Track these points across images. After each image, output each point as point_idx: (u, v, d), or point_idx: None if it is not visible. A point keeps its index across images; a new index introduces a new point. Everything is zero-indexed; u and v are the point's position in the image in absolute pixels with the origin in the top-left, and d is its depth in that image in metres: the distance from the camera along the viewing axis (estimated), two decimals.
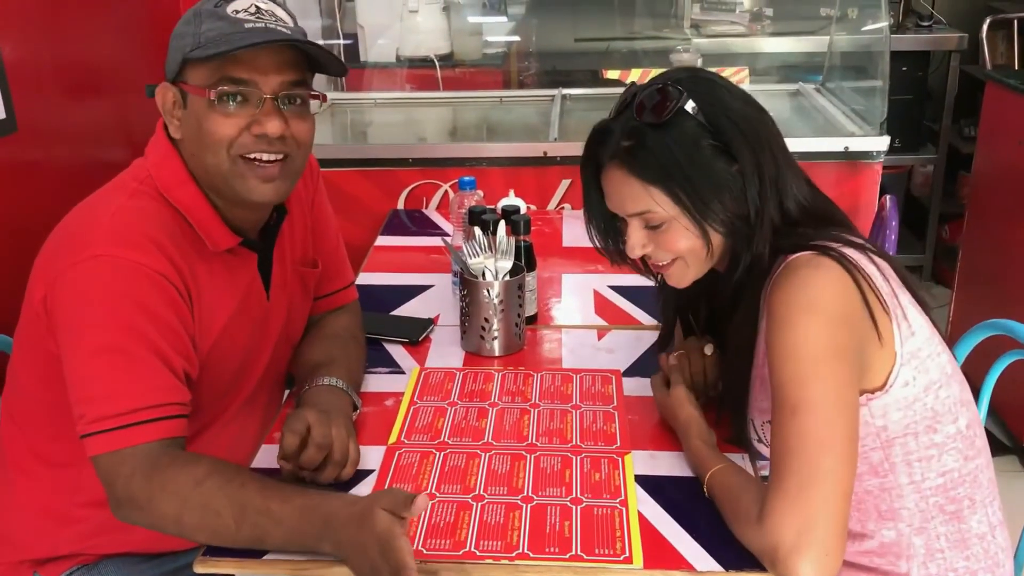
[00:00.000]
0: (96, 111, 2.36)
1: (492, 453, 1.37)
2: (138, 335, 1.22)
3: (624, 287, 2.00)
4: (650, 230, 1.29)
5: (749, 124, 1.25)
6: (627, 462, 1.34)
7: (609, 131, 1.29)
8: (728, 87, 1.29)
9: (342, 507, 1.14)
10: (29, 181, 2.03)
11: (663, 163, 1.24)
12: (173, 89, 1.30)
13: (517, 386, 1.57)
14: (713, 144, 1.24)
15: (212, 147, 1.28)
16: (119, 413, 1.19)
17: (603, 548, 1.16)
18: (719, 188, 1.24)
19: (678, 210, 1.25)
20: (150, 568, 1.48)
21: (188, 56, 1.26)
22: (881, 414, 1.22)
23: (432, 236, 2.40)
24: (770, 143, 1.26)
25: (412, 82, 3.35)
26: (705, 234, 1.26)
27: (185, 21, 1.28)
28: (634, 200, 1.27)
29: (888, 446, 1.23)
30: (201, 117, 1.27)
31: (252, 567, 1.17)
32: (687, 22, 3.68)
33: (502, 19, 3.62)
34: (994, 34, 3.86)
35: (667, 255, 1.31)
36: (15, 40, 1.96)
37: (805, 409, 1.13)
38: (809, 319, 1.15)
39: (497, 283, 1.65)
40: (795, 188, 1.28)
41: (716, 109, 1.24)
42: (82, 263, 1.22)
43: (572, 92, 3.20)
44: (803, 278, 1.18)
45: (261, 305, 1.46)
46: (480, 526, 1.20)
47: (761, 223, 1.25)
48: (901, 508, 1.25)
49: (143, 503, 1.17)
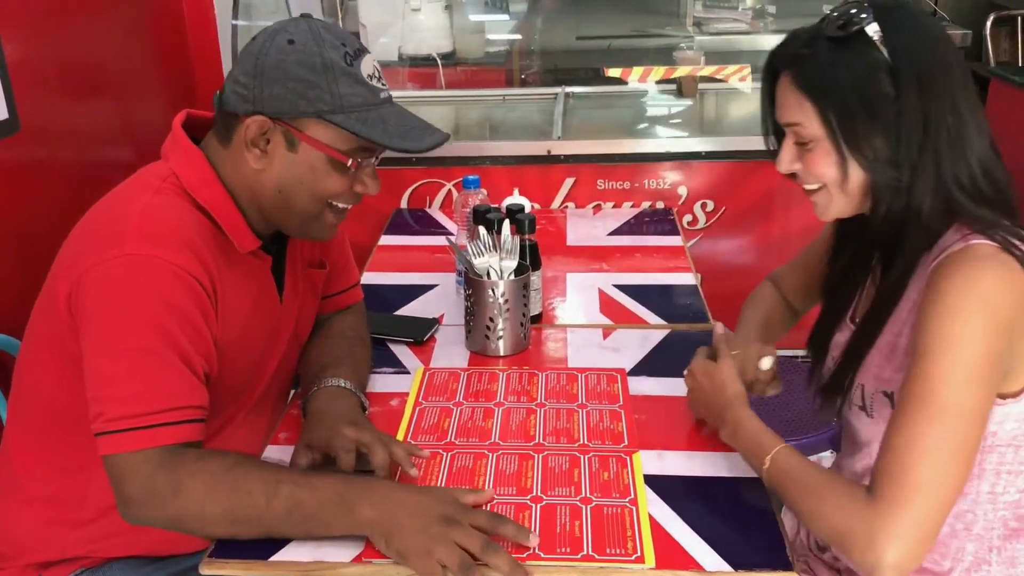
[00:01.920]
0: (99, 111, 2.35)
1: (499, 453, 1.36)
2: (166, 336, 1.21)
3: (629, 286, 1.99)
4: (799, 147, 1.25)
5: (930, 67, 1.16)
6: (635, 461, 1.33)
7: (795, 36, 1.25)
8: (928, 25, 1.21)
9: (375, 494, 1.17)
10: (32, 181, 2.03)
11: (824, 79, 1.19)
12: (278, 128, 1.28)
13: (523, 386, 1.56)
14: (885, 77, 1.16)
15: (317, 198, 1.33)
16: (143, 413, 1.18)
17: (615, 548, 1.15)
18: (873, 123, 1.17)
19: (824, 132, 1.20)
20: (155, 571, 1.47)
21: (326, 116, 1.26)
22: (999, 420, 1.17)
23: (436, 235, 2.39)
24: (952, 93, 1.16)
25: (414, 81, 3.34)
26: (844, 165, 1.20)
27: (311, 68, 1.25)
28: (789, 109, 1.23)
29: (988, 452, 1.19)
30: (317, 169, 1.30)
31: (258, 569, 1.16)
32: (689, 20, 3.68)
33: (504, 17, 3.62)
34: (997, 31, 3.85)
35: (811, 179, 1.25)
36: (18, 39, 1.95)
37: (954, 414, 1.08)
38: (979, 317, 1.08)
39: (502, 282, 1.64)
40: (973, 150, 1.17)
41: (901, 42, 1.17)
42: (112, 260, 1.21)
43: (575, 90, 3.20)
44: (983, 271, 1.10)
45: (275, 308, 1.45)
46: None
47: (916, 175, 1.17)
48: (968, 512, 1.22)
49: (168, 496, 1.17)
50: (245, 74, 1.27)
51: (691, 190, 2.61)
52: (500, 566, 1.10)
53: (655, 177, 2.59)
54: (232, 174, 1.34)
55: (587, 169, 2.58)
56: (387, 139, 1.28)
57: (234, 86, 1.29)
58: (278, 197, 1.33)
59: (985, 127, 1.20)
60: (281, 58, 1.25)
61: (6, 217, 1.90)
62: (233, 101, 1.29)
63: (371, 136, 1.27)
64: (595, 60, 3.55)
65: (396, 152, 1.30)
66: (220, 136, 1.34)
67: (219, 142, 1.34)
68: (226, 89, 1.31)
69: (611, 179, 2.59)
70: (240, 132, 1.29)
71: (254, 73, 1.26)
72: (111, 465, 1.19)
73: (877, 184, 1.20)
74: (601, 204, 2.60)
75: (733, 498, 1.26)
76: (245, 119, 1.28)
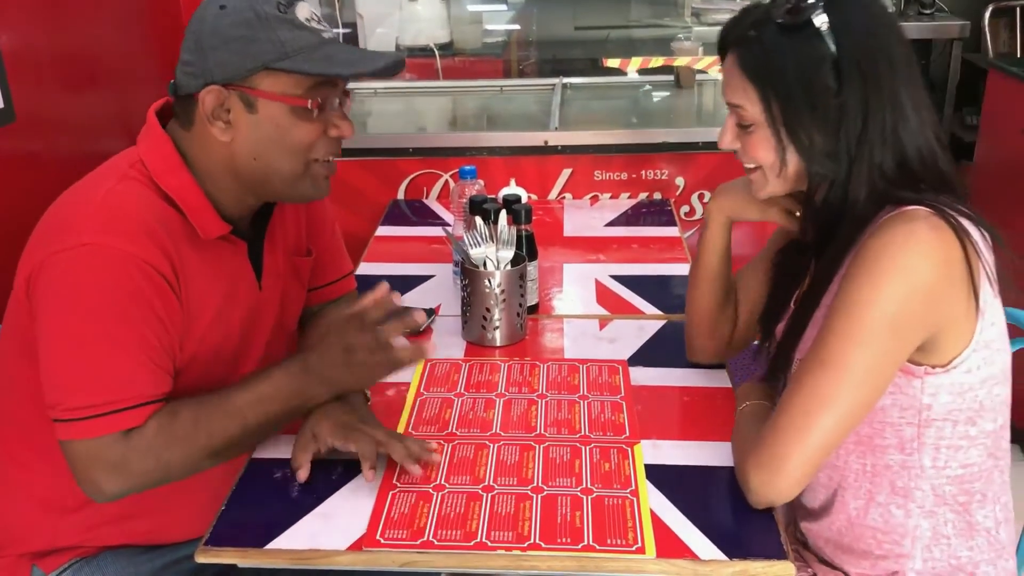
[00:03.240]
0: (95, 102, 2.34)
1: (501, 444, 1.36)
2: (123, 324, 1.21)
3: (626, 276, 1.99)
4: (740, 128, 1.27)
5: (874, 62, 1.18)
6: (637, 452, 1.33)
7: (746, 13, 1.26)
8: (878, 17, 1.22)
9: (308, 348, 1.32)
10: (27, 172, 2.02)
11: (769, 66, 1.20)
12: (233, 93, 1.27)
13: (524, 377, 1.56)
14: (830, 71, 1.18)
15: (293, 152, 1.31)
16: (102, 402, 1.20)
17: (615, 538, 1.15)
18: (814, 115, 1.19)
19: (764, 118, 1.22)
20: (149, 559, 1.47)
21: (273, 65, 1.25)
22: (932, 392, 1.19)
23: (433, 226, 2.38)
24: (894, 87, 1.18)
25: (412, 71, 3.33)
26: (783, 152, 1.22)
27: (247, 25, 1.25)
28: (732, 90, 1.25)
29: (925, 425, 1.21)
30: (281, 123, 1.28)
31: (254, 556, 1.16)
32: (687, 10, 3.67)
33: (502, 7, 3.61)
34: (996, 22, 3.86)
35: (748, 160, 1.28)
36: (14, 30, 1.94)
37: (835, 365, 1.13)
38: (893, 282, 1.11)
39: (499, 273, 1.64)
40: (910, 142, 1.19)
41: (849, 35, 1.18)
42: (70, 250, 1.20)
43: (572, 81, 3.19)
44: (910, 233, 1.12)
45: (253, 294, 1.44)
46: (491, 517, 1.20)
47: (852, 167, 1.19)
48: (915, 489, 1.24)
49: (147, 467, 1.23)
50: (188, 51, 1.27)
51: (688, 181, 2.61)
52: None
53: (652, 168, 2.59)
54: (204, 157, 1.32)
55: (584, 160, 2.58)
56: (337, 68, 1.28)
57: (182, 68, 1.28)
58: (256, 164, 1.31)
59: (927, 118, 1.22)
60: (216, 24, 1.25)
61: (2, 207, 1.89)
62: (185, 82, 1.28)
63: (321, 70, 1.26)
64: (593, 51, 3.55)
65: (352, 79, 1.30)
66: (182, 122, 1.33)
67: (182, 127, 1.33)
68: (177, 75, 1.30)
69: (608, 170, 2.59)
70: (198, 110, 1.28)
71: (195, 48, 1.26)
72: (72, 451, 1.21)
73: (813, 173, 1.23)
74: (598, 195, 2.60)
75: (727, 487, 1.26)
76: (199, 95, 1.27)
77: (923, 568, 1.25)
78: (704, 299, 1.52)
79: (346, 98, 1.36)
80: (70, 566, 1.41)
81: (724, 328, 1.53)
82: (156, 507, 1.42)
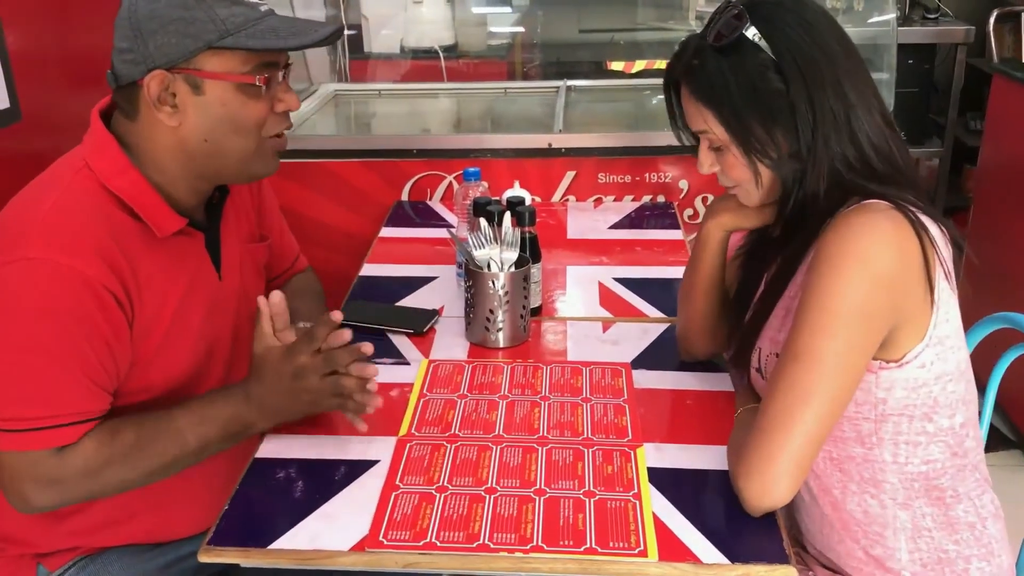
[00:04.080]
0: None
1: (503, 446, 1.36)
2: (62, 342, 1.20)
3: (629, 279, 1.99)
4: (714, 151, 1.31)
5: (812, 57, 1.21)
6: (639, 455, 1.33)
7: (686, 45, 1.30)
8: (805, 15, 1.25)
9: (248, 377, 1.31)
10: (32, 171, 2.01)
11: (716, 87, 1.24)
12: (178, 77, 1.26)
13: (526, 379, 1.56)
14: (774, 75, 1.22)
15: (245, 131, 1.30)
16: (31, 417, 1.20)
17: (618, 541, 1.15)
18: (769, 121, 1.23)
19: (728, 137, 1.25)
20: (152, 558, 1.47)
21: (216, 44, 1.24)
22: (887, 387, 1.21)
23: (436, 227, 2.38)
24: (836, 78, 1.22)
25: (416, 73, 3.33)
26: (753, 164, 1.25)
27: (183, 5, 1.24)
28: (693, 119, 1.30)
29: (881, 420, 1.23)
30: (230, 102, 1.28)
31: (256, 556, 1.16)
32: (692, 13, 3.66)
33: (506, 10, 3.61)
34: (1001, 27, 3.85)
35: (728, 180, 1.33)
36: (21, 29, 1.95)
37: (807, 358, 1.15)
38: (855, 272, 1.13)
39: (502, 274, 1.64)
40: (862, 130, 1.23)
41: (782, 38, 1.22)
42: (14, 264, 1.19)
43: (577, 84, 3.18)
44: (869, 225, 1.15)
45: (212, 285, 1.44)
46: (493, 519, 1.20)
47: (813, 162, 1.22)
48: (883, 481, 1.26)
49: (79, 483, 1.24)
50: (124, 39, 1.26)
51: (692, 184, 2.60)
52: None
53: (656, 171, 2.59)
54: (151, 146, 1.31)
55: (588, 162, 2.58)
56: (282, 42, 1.27)
57: (120, 56, 1.27)
58: (207, 147, 1.30)
59: (876, 104, 1.25)
60: (151, 8, 1.24)
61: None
62: (125, 71, 1.26)
63: (266, 45, 1.26)
64: (597, 53, 3.54)
65: (294, 50, 1.30)
66: (126, 113, 1.31)
67: (127, 119, 1.31)
68: (114, 65, 1.28)
69: (612, 173, 2.59)
70: (142, 97, 1.27)
71: (132, 35, 1.24)
72: (4, 460, 1.21)
73: (784, 176, 1.26)
74: (602, 197, 2.60)
75: (730, 491, 1.26)
76: (143, 81, 1.25)
77: (911, 559, 1.26)
78: (702, 307, 1.52)
79: (288, 70, 1.34)
80: (74, 564, 1.42)
81: (722, 329, 1.53)
82: (158, 505, 1.43)
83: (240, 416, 1.31)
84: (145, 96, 1.26)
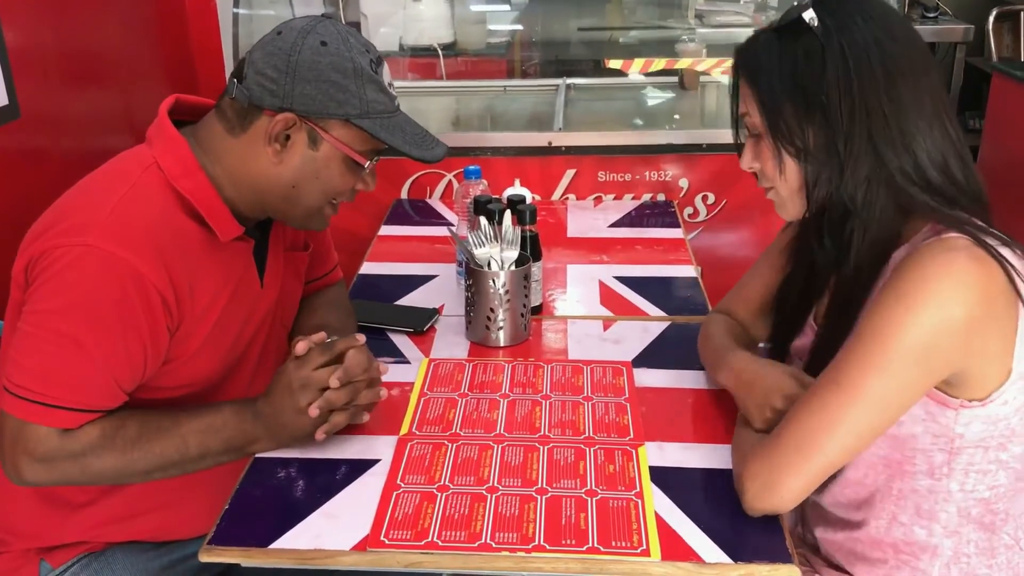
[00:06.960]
0: (100, 99, 2.34)
1: (505, 445, 1.36)
2: (97, 333, 1.22)
3: (629, 278, 1.99)
4: (754, 140, 1.26)
5: (864, 51, 1.15)
6: (641, 454, 1.33)
7: (755, 32, 1.28)
8: (871, 10, 1.19)
9: (262, 394, 1.32)
10: (31, 168, 2.02)
11: (761, 66, 1.22)
12: (304, 126, 1.30)
13: (527, 377, 1.56)
14: (817, 62, 1.17)
15: (326, 192, 1.36)
16: (43, 392, 1.22)
17: (620, 541, 1.15)
18: (802, 107, 1.18)
19: (761, 119, 1.22)
20: (156, 556, 1.48)
21: (353, 119, 1.30)
22: (966, 423, 1.15)
23: (436, 226, 2.38)
24: (890, 80, 1.15)
25: (415, 71, 3.33)
26: (778, 151, 1.21)
27: (343, 72, 1.28)
28: (742, 98, 1.27)
29: (956, 453, 1.18)
30: (332, 166, 1.34)
31: (257, 556, 1.16)
32: (691, 12, 3.66)
33: (505, 8, 3.60)
34: (1000, 26, 3.85)
35: (764, 178, 1.27)
36: (19, 26, 1.94)
37: (849, 389, 1.11)
38: (925, 312, 1.07)
39: (503, 273, 1.64)
40: (918, 141, 1.15)
41: (835, 24, 1.17)
42: (73, 247, 1.21)
43: (576, 82, 3.18)
44: (948, 264, 1.07)
45: (254, 292, 1.45)
46: (495, 518, 1.19)
47: (852, 161, 1.15)
48: (941, 511, 1.22)
49: (74, 472, 1.26)
50: (275, 69, 1.28)
51: (692, 183, 2.60)
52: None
53: (656, 169, 2.58)
54: (239, 166, 1.33)
55: (588, 161, 2.58)
56: (407, 147, 1.34)
57: (260, 79, 1.28)
58: (289, 192, 1.34)
59: (938, 114, 1.17)
60: (315, 59, 1.27)
61: (5, 203, 1.89)
62: (259, 94, 1.29)
63: (394, 143, 1.32)
64: (597, 52, 3.54)
65: (413, 160, 1.36)
66: (229, 125, 1.33)
67: (226, 131, 1.33)
68: (249, 80, 1.29)
69: (612, 171, 2.58)
70: (262, 126, 1.30)
71: (286, 70, 1.27)
72: (4, 424, 1.23)
73: (811, 174, 1.20)
74: (602, 196, 2.60)
75: (732, 490, 1.25)
76: (272, 114, 1.29)
77: None
78: None
79: (378, 158, 1.40)
80: (77, 561, 1.42)
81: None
82: (164, 504, 1.43)
83: (245, 432, 1.31)
84: (264, 126, 1.30)
